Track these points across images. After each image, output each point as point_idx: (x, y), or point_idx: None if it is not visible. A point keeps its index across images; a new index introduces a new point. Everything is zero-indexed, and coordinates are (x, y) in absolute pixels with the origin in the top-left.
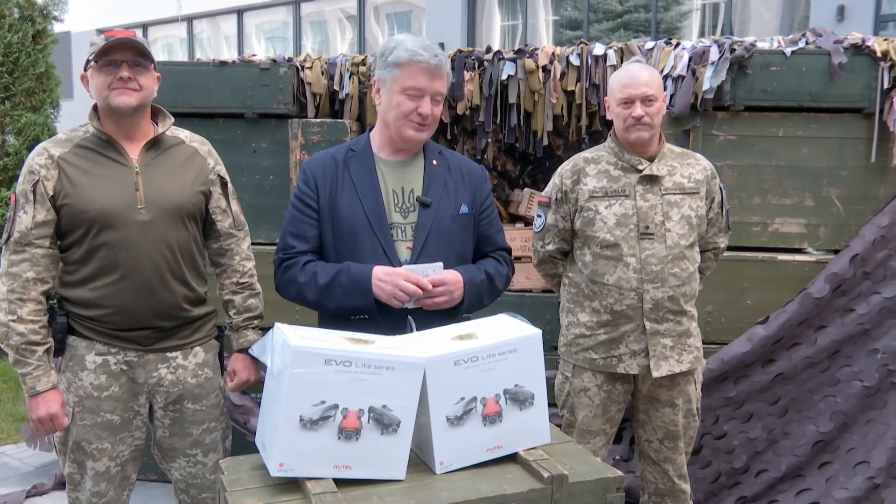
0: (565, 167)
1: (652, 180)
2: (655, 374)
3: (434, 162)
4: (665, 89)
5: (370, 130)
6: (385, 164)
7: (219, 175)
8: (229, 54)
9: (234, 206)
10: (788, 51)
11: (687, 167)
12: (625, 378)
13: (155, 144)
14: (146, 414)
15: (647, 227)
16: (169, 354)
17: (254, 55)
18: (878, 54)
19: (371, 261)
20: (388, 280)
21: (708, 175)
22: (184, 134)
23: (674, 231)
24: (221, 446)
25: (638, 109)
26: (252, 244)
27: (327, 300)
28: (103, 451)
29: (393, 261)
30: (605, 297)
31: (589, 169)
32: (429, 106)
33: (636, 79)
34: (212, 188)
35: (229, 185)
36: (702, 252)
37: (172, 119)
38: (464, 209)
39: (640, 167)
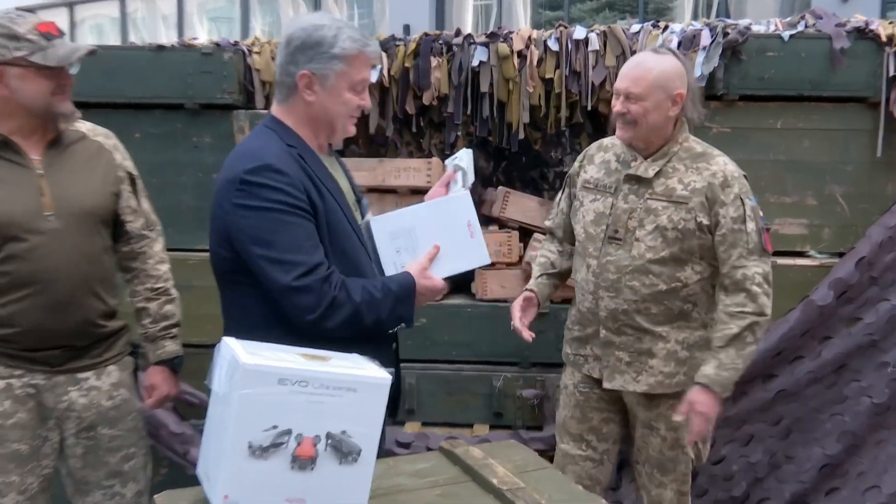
0: (588, 149)
1: (640, 181)
2: (606, 384)
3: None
4: None
5: (278, 124)
6: (326, 163)
7: (127, 171)
8: (167, 37)
9: (145, 204)
10: (786, 35)
11: (693, 173)
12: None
13: (57, 142)
14: (56, 439)
15: (616, 232)
16: (80, 375)
17: (195, 38)
18: (884, 38)
19: (366, 264)
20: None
21: (714, 183)
22: (86, 127)
23: (642, 241)
24: (142, 475)
25: (618, 105)
26: (193, 251)
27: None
28: (10, 484)
29: (375, 262)
30: (577, 294)
31: (597, 157)
32: (367, 98)
33: (625, 71)
34: (122, 186)
35: (138, 181)
36: (723, 286)
37: (79, 113)
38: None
39: (633, 164)
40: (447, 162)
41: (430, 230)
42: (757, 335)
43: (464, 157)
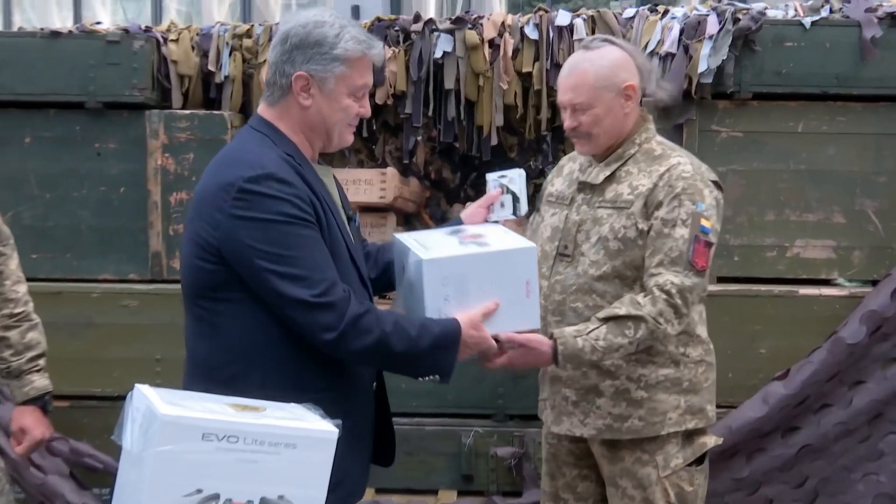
0: (561, 160)
1: (592, 189)
2: (553, 428)
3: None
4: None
5: (270, 128)
6: (320, 173)
7: None
8: (62, 20)
9: None
10: (808, 21)
11: (644, 176)
12: (578, 438)
13: None
14: None
15: (566, 247)
16: None
17: (98, 23)
18: None
19: (359, 291)
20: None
21: (658, 184)
22: None
23: (587, 255)
24: None
25: (566, 119)
26: (96, 281)
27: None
28: None
29: (367, 285)
30: None
31: (565, 168)
32: (368, 105)
33: (562, 81)
34: None
35: None
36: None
37: None
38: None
39: (587, 171)
40: (490, 178)
41: (484, 282)
42: (638, 335)
43: (516, 179)
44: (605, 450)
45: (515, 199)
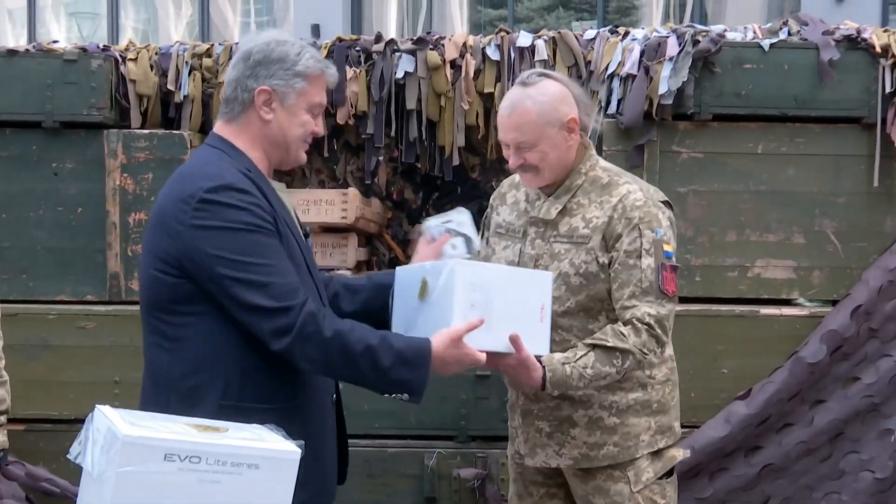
0: (501, 185)
1: (545, 223)
2: (529, 462)
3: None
4: (611, 93)
5: (227, 145)
6: (277, 189)
7: None
8: (16, 37)
9: None
10: (766, 44)
11: (597, 207)
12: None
13: None
14: None
15: None
16: None
17: (54, 41)
18: (878, 49)
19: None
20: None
21: (613, 216)
22: None
23: None
24: None
25: (511, 158)
26: (52, 303)
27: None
28: None
29: (324, 301)
30: None
31: (508, 196)
32: (321, 125)
33: (504, 120)
34: None
35: None
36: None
37: None
38: None
39: (537, 205)
40: (428, 226)
41: (506, 296)
42: (624, 365)
43: (464, 221)
44: (577, 469)
45: (468, 240)
